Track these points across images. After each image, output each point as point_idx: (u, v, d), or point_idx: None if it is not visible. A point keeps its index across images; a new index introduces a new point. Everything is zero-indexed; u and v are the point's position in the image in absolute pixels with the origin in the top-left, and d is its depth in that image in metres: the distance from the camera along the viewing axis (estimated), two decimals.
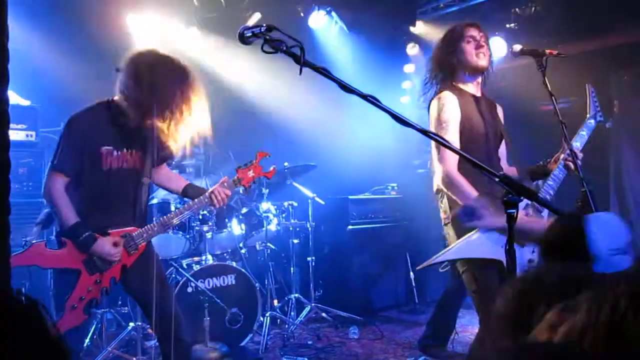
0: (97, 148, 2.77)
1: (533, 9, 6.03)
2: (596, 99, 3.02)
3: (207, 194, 3.02)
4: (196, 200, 3.03)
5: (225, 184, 3.06)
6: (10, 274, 1.05)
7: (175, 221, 3.01)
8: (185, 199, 3.28)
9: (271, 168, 3.29)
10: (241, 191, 3.15)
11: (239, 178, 3.11)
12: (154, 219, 4.42)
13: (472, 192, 2.58)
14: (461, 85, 2.86)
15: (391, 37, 6.86)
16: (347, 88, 1.55)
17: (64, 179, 2.73)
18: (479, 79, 2.92)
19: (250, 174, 3.14)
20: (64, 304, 2.68)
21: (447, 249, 2.62)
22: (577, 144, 2.84)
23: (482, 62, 2.84)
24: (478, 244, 2.57)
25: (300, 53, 1.56)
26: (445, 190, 2.72)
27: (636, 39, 5.17)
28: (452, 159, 2.66)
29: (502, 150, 3.03)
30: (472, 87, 2.89)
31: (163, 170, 3.22)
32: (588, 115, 2.96)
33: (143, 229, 2.91)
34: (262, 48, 1.61)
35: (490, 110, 2.91)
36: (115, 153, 2.81)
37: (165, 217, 3.01)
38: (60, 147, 2.75)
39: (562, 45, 5.44)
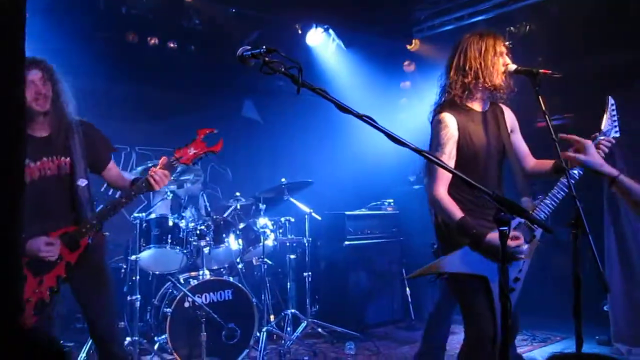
0: None
1: (527, 27, 6.12)
2: (615, 113, 2.85)
3: (143, 178, 3.03)
4: (134, 186, 3.04)
5: (164, 164, 3.06)
6: (23, 286, 1.09)
7: (111, 213, 2.98)
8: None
9: (219, 140, 3.20)
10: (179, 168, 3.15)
11: (177, 157, 3.08)
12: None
13: (458, 213, 2.61)
14: (470, 103, 2.82)
15: (388, 54, 6.94)
16: (343, 108, 1.59)
17: None
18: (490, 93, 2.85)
19: (191, 151, 3.11)
20: None
21: (434, 262, 2.66)
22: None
23: (505, 82, 2.78)
24: (463, 259, 2.60)
25: (298, 74, 1.61)
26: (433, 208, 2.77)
27: (631, 58, 5.23)
28: (442, 181, 2.68)
29: (523, 149, 3.01)
30: (480, 102, 2.85)
31: (113, 170, 3.23)
32: (601, 131, 2.78)
33: (81, 224, 2.92)
34: (260, 69, 1.66)
35: (496, 121, 2.87)
36: (32, 165, 2.86)
37: (101, 209, 3.01)
38: None
39: (557, 63, 5.51)
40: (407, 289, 5.87)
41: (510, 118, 2.98)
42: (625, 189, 2.18)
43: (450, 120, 2.74)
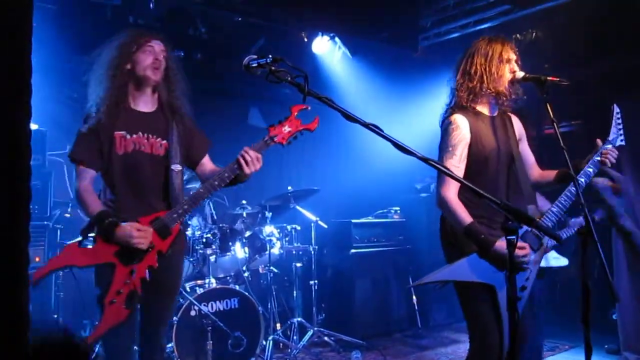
0: (111, 133, 2.74)
1: (534, 34, 6.11)
2: (620, 122, 2.89)
3: (235, 160, 2.76)
4: (224, 168, 2.79)
5: (256, 145, 2.80)
6: (29, 301, 1.09)
7: (205, 194, 2.77)
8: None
9: (314, 118, 2.90)
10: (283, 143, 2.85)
11: (271, 136, 2.81)
12: None
13: (466, 219, 2.60)
14: (478, 107, 2.82)
15: (394, 61, 6.95)
16: (349, 117, 1.59)
17: (88, 170, 2.72)
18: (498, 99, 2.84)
19: (286, 129, 2.85)
20: (103, 301, 2.58)
21: (440, 269, 2.64)
22: (590, 169, 2.82)
23: (509, 90, 2.77)
24: (469, 267, 2.58)
25: (304, 83, 1.61)
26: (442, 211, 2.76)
27: (636, 63, 5.22)
28: (452, 184, 2.67)
29: (530, 159, 3.03)
30: (489, 107, 2.85)
31: (207, 166, 3.06)
32: (607, 139, 2.83)
33: (172, 209, 2.75)
34: (266, 78, 1.66)
35: (504, 127, 2.87)
36: (128, 137, 2.76)
37: (194, 192, 2.79)
38: (76, 139, 2.76)
39: (563, 70, 5.50)
40: (414, 297, 5.85)
41: (518, 127, 2.98)
42: None
43: (462, 122, 2.73)
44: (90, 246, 2.65)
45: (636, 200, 4.75)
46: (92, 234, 2.66)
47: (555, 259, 3.69)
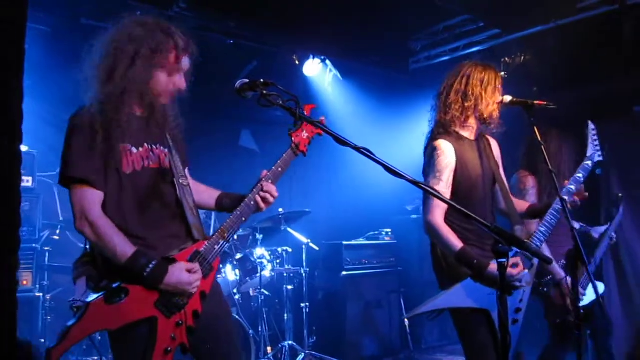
0: (115, 146, 2.15)
1: (522, 58, 6.19)
2: (596, 137, 2.96)
3: (251, 197, 2.43)
4: (241, 207, 2.41)
5: (268, 177, 2.49)
6: (16, 324, 1.07)
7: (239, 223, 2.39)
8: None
9: (320, 119, 2.37)
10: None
11: (296, 144, 2.50)
12: None
13: (457, 243, 2.59)
14: (461, 131, 2.83)
15: (385, 84, 7.00)
16: (341, 141, 1.60)
17: (95, 193, 2.10)
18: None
19: (305, 134, 2.52)
20: None
21: (434, 297, 2.62)
22: (572, 187, 2.86)
23: (497, 116, 2.82)
24: (463, 293, 2.57)
25: (295, 107, 1.62)
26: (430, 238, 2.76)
27: (625, 86, 5.28)
28: (439, 210, 2.66)
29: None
30: (472, 131, 2.87)
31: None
32: (586, 156, 2.92)
33: (210, 240, 2.30)
34: (258, 102, 1.67)
35: (486, 151, 2.90)
36: (135, 150, 2.21)
37: (219, 231, 2.34)
38: (68, 154, 2.12)
39: (552, 93, 5.56)
40: (406, 319, 5.82)
41: (496, 150, 3.02)
42: None
43: (447, 148, 2.74)
44: (117, 299, 2.04)
45: (626, 226, 4.78)
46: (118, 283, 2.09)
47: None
